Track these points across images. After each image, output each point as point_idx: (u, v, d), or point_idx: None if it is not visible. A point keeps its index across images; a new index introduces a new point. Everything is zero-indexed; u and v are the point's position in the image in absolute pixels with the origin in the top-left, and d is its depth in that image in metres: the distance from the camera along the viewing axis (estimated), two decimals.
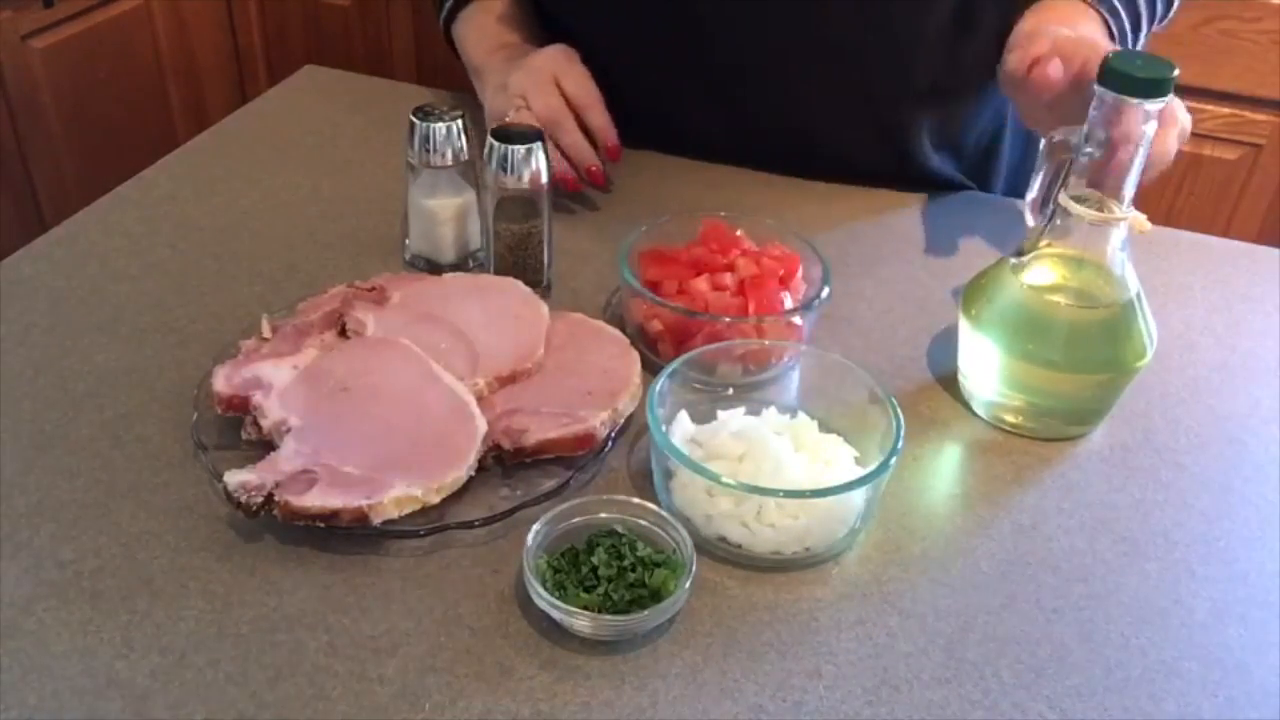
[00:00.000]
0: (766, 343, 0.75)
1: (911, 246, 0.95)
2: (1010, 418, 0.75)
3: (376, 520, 0.62)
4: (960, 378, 0.78)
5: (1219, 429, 0.77)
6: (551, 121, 0.92)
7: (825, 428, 0.70)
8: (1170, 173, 1.89)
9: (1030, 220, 0.80)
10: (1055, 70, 0.76)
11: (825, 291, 0.78)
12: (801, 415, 0.71)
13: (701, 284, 0.78)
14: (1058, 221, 0.71)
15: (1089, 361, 0.72)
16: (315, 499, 0.61)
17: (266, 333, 0.75)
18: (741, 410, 0.70)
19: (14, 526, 0.64)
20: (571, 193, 0.95)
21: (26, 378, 0.75)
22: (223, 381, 0.69)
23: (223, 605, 0.60)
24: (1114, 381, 0.74)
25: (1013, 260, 0.74)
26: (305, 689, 0.56)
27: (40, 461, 0.69)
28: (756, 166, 1.03)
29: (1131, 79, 0.64)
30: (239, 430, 0.68)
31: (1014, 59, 0.80)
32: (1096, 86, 0.66)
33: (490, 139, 0.79)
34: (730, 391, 0.75)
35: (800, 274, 0.81)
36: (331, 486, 0.62)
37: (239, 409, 0.69)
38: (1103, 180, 0.68)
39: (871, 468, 0.64)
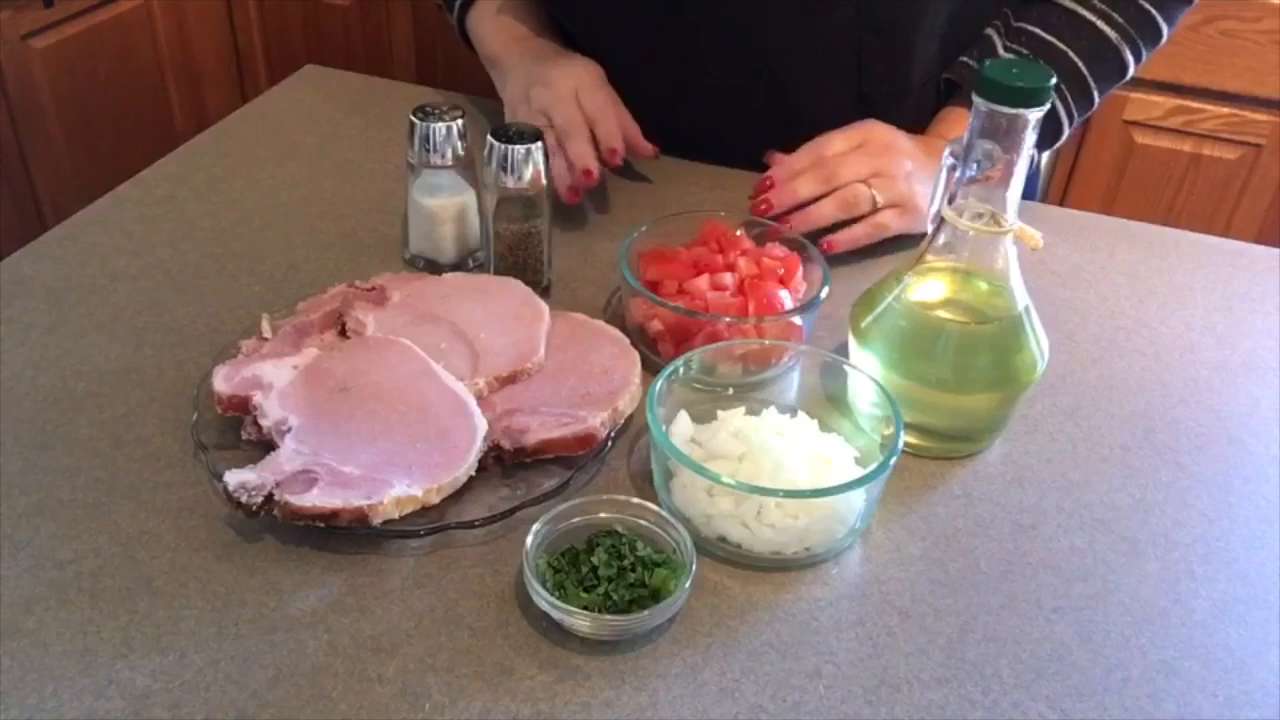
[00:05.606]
0: (766, 342, 0.75)
1: (912, 246, 0.95)
2: (905, 438, 0.68)
3: (376, 520, 0.62)
4: (850, 398, 0.73)
5: (1219, 429, 0.77)
6: (566, 132, 0.91)
7: (825, 428, 0.70)
8: (1170, 172, 1.89)
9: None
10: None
11: (825, 291, 0.78)
12: (801, 415, 0.71)
13: (701, 284, 0.78)
14: (942, 236, 0.69)
15: (979, 379, 0.70)
16: (315, 499, 0.61)
17: (266, 333, 0.75)
18: (741, 410, 0.70)
19: (14, 526, 0.64)
20: (571, 205, 0.93)
21: (26, 378, 0.75)
22: (223, 381, 0.69)
23: (223, 605, 0.60)
24: (1007, 398, 0.72)
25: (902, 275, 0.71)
26: (305, 689, 0.56)
27: (40, 461, 0.69)
28: (759, 166, 1.03)
29: (1005, 88, 0.62)
30: (239, 430, 0.68)
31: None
32: (974, 96, 0.64)
33: (490, 139, 0.79)
34: (730, 391, 0.75)
35: (800, 274, 0.81)
36: (331, 486, 0.62)
37: (239, 409, 0.69)
38: (988, 192, 0.66)
39: (871, 468, 0.64)
